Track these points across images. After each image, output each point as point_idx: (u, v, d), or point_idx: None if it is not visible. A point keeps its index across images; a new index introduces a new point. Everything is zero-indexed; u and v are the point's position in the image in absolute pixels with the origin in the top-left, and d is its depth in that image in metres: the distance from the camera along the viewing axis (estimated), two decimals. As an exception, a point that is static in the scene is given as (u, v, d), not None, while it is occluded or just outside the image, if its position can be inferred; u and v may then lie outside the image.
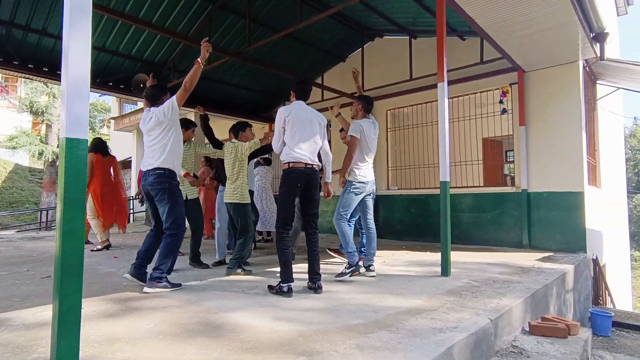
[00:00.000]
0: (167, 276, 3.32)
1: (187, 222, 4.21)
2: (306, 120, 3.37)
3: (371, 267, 3.99)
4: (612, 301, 6.58)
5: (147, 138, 3.42)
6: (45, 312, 2.62)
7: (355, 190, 3.96)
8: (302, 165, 3.30)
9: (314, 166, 3.37)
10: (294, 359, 1.87)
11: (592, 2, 4.18)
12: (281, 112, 3.36)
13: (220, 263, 4.54)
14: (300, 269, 3.83)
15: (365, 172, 4.02)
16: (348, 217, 3.97)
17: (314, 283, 3.32)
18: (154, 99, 3.43)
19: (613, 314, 4.89)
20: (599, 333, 4.63)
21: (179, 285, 3.35)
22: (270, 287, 3.26)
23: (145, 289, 3.21)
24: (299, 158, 3.29)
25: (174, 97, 3.28)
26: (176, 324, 2.38)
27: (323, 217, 8.47)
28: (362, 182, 3.97)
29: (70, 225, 1.41)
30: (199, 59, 3.21)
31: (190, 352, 1.95)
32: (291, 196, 3.33)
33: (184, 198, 4.19)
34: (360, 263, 3.93)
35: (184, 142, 4.34)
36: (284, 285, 3.15)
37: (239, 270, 3.96)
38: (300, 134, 3.32)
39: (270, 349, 2.00)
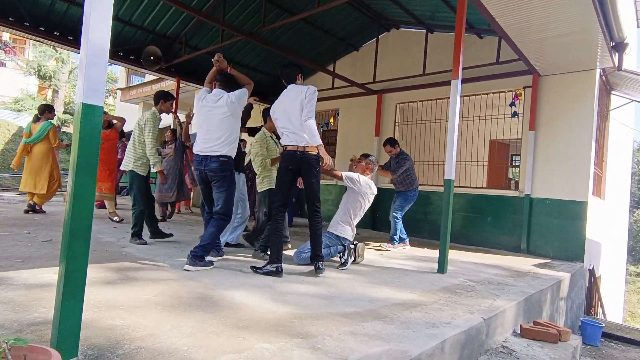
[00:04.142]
0: (207, 256, 3.35)
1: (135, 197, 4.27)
2: (284, 107, 3.45)
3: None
4: (603, 312, 6.63)
5: (208, 117, 3.42)
6: (46, 274, 2.65)
7: (329, 242, 3.99)
8: (293, 147, 3.38)
9: (305, 149, 3.38)
10: (289, 340, 1.90)
11: (615, 10, 4.11)
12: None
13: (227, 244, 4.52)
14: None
15: (347, 231, 4.11)
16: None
17: (314, 264, 3.40)
18: (227, 85, 3.52)
19: (603, 325, 4.94)
20: (588, 342, 4.68)
21: (212, 263, 3.35)
22: (255, 267, 3.30)
23: (187, 267, 3.16)
24: (287, 142, 3.42)
25: (245, 89, 3.51)
26: (174, 297, 2.41)
27: (324, 205, 8.49)
28: (338, 237, 4.06)
29: (81, 189, 1.42)
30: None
31: (187, 325, 1.98)
32: (283, 178, 3.43)
33: (145, 175, 4.28)
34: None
35: (161, 113, 4.36)
36: (272, 266, 3.20)
37: (262, 255, 3.92)
38: (283, 121, 3.45)
39: (266, 328, 2.03)
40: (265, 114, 4.36)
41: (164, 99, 4.36)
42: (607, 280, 7.52)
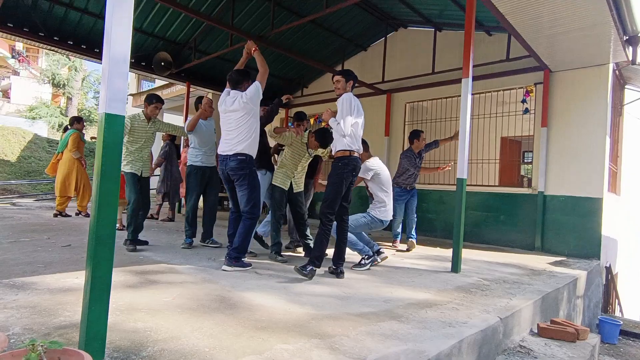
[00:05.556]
0: (242, 257, 3.47)
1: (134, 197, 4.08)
2: (362, 113, 3.52)
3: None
4: (621, 310, 6.52)
5: (226, 120, 3.51)
6: (68, 279, 2.73)
7: (372, 223, 4.08)
8: (357, 154, 3.44)
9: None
10: (307, 340, 1.93)
11: (629, 2, 4.04)
12: (351, 98, 3.44)
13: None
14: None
15: (388, 211, 4.17)
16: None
17: (337, 268, 3.43)
18: (236, 83, 3.55)
19: (621, 323, 4.86)
20: (606, 340, 4.62)
21: (250, 265, 3.48)
22: (302, 267, 3.21)
23: (224, 267, 3.34)
24: (358, 148, 3.44)
25: (258, 82, 3.47)
26: (193, 299, 2.45)
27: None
28: (382, 221, 4.12)
29: (105, 196, 1.46)
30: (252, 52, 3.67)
31: (207, 326, 2.02)
32: (347, 183, 3.41)
33: (139, 175, 4.14)
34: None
35: (149, 118, 4.18)
36: (316, 268, 3.24)
37: (278, 257, 3.96)
38: (360, 126, 3.48)
39: (284, 329, 2.06)
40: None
41: (147, 102, 4.16)
42: (624, 277, 7.39)
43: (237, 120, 3.44)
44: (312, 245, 4.30)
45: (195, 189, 4.41)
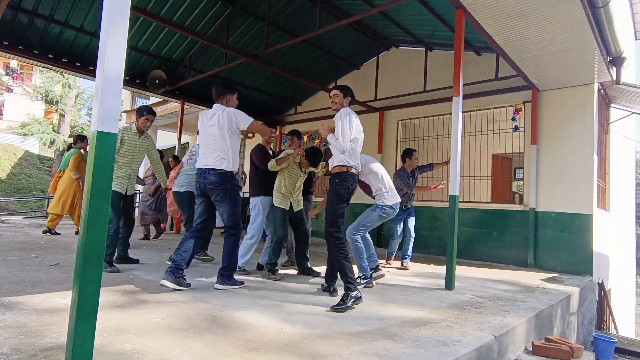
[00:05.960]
0: (232, 274, 3.42)
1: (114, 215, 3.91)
2: (361, 130, 3.46)
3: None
4: (615, 327, 6.51)
5: (204, 133, 3.44)
6: (55, 299, 2.66)
7: (384, 213, 3.96)
8: (354, 171, 3.36)
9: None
10: (299, 361, 1.89)
11: (611, 26, 4.19)
12: (350, 113, 3.33)
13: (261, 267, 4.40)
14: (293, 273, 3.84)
15: (393, 195, 4.05)
16: (363, 234, 3.96)
17: (330, 286, 3.38)
18: (218, 95, 3.51)
19: (616, 340, 4.84)
20: (601, 358, 4.58)
21: (242, 283, 3.44)
22: (340, 304, 2.93)
23: (217, 286, 3.31)
24: (355, 165, 3.36)
25: (254, 121, 3.46)
26: (183, 319, 2.41)
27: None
28: (392, 206, 3.99)
29: (95, 215, 1.45)
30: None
31: (197, 347, 1.97)
32: (347, 201, 3.31)
33: (124, 193, 4.02)
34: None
35: (141, 132, 4.07)
36: (354, 293, 3.03)
37: (271, 275, 3.94)
38: (359, 143, 3.40)
39: (276, 349, 2.02)
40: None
41: (138, 114, 4.05)
42: (617, 293, 7.40)
43: (214, 135, 3.36)
44: (308, 266, 4.29)
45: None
